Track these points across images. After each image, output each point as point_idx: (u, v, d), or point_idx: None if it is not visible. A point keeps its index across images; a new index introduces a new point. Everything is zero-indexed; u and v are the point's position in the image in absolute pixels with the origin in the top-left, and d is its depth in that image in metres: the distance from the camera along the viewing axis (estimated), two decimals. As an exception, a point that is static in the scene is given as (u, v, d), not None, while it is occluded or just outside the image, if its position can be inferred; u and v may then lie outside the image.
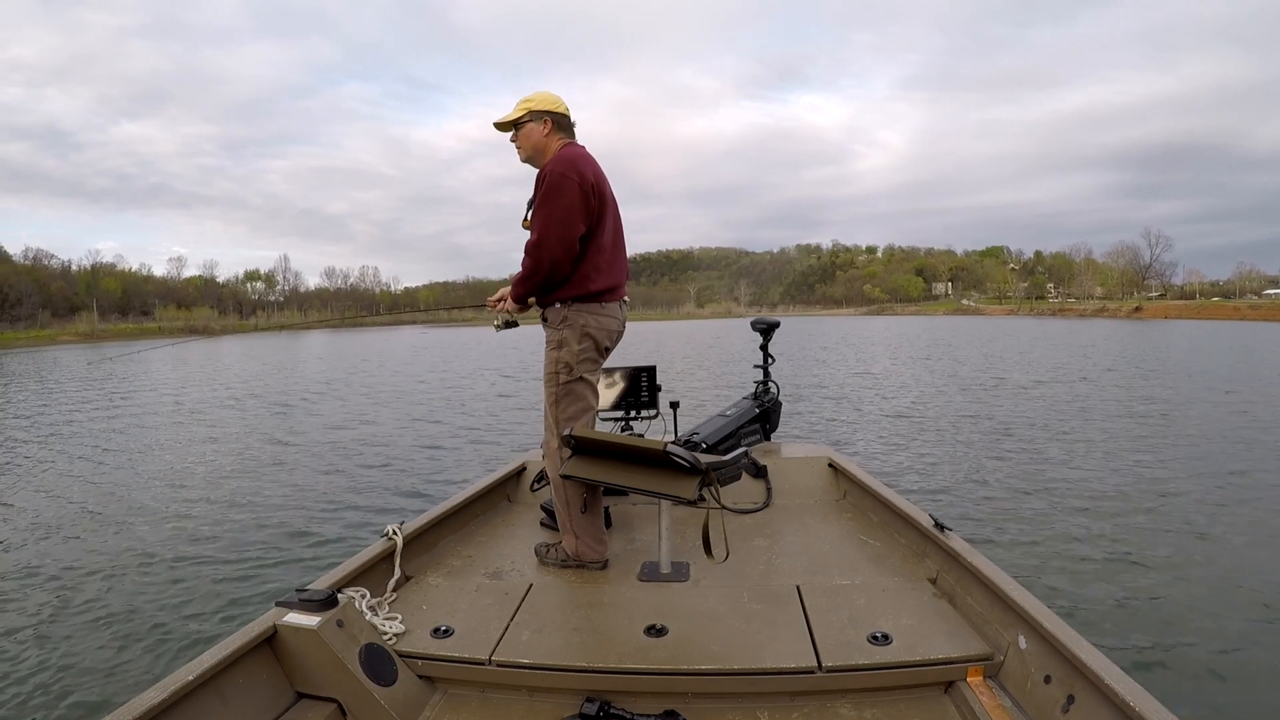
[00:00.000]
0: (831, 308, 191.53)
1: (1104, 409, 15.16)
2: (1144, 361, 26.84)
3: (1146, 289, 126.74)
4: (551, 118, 3.47)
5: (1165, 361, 26.57)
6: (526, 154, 3.53)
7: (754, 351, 5.82)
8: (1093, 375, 22.32)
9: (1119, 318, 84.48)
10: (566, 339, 3.41)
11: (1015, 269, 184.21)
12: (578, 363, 3.43)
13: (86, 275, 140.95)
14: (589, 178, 3.29)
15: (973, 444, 11.88)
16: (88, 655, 4.88)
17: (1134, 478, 9.28)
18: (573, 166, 3.27)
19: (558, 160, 3.31)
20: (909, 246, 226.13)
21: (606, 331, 3.50)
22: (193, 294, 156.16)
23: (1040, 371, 23.58)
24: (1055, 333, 52.98)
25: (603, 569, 3.51)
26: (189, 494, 9.46)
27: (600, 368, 3.61)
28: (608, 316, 3.49)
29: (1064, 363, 27.25)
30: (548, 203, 3.25)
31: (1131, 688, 1.94)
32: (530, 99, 3.49)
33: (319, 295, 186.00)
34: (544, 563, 3.55)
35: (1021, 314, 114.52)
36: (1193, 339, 42.08)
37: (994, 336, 49.47)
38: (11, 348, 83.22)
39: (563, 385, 3.44)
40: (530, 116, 3.46)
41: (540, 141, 3.48)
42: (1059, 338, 45.78)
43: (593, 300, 3.42)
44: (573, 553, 3.49)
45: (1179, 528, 7.19)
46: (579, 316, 3.41)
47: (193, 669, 2.18)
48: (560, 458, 3.44)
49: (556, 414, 3.47)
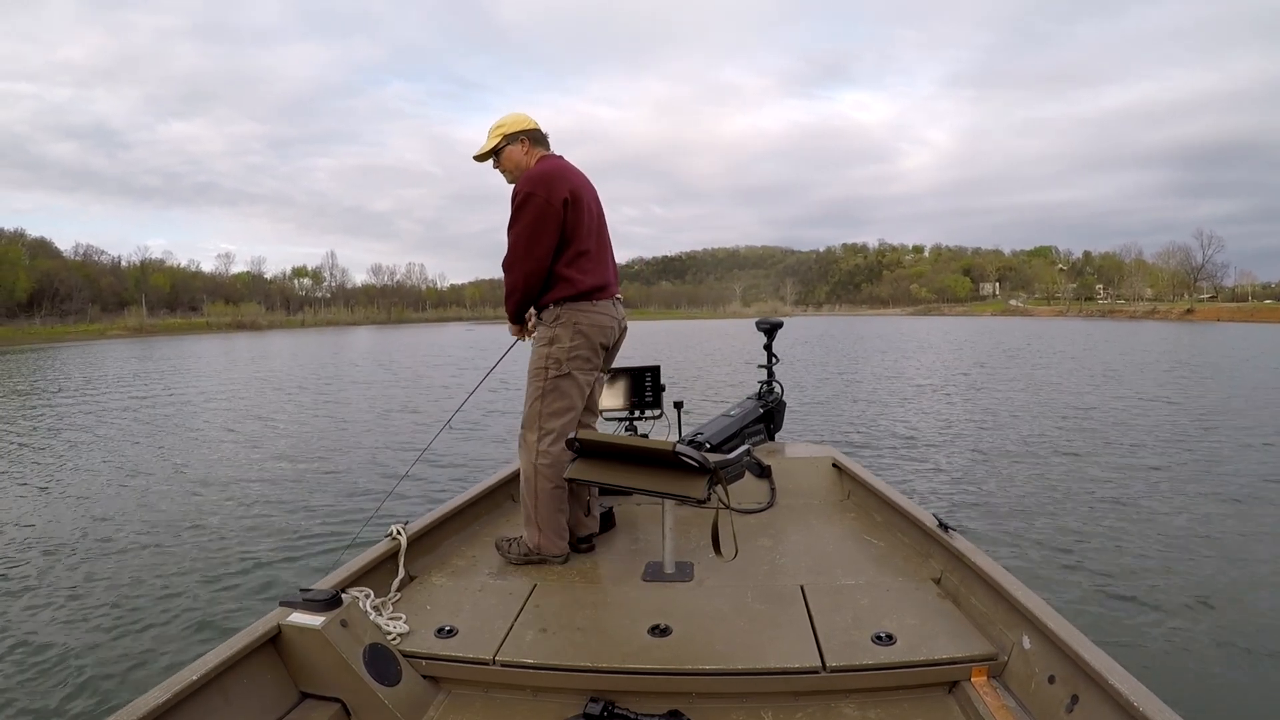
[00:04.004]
0: (878, 307, 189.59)
1: (1126, 413, 15.01)
2: (1193, 364, 26.35)
3: (1198, 291, 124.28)
4: (526, 136, 3.59)
5: (1215, 366, 26.01)
6: (512, 176, 3.63)
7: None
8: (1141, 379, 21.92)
9: (1170, 320, 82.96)
10: (559, 335, 3.49)
11: (1064, 269, 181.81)
12: (568, 359, 3.48)
13: (136, 271, 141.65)
14: (560, 191, 3.37)
15: (980, 444, 11.91)
16: (90, 655, 4.89)
17: (1143, 480, 9.29)
18: (540, 183, 3.37)
19: (527, 178, 3.43)
20: (956, 246, 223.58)
21: (600, 328, 3.55)
22: (240, 290, 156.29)
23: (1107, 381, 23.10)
24: (1108, 335, 52.00)
25: (563, 563, 3.54)
26: (192, 493, 9.47)
27: (595, 368, 3.64)
28: (600, 314, 3.55)
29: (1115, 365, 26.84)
30: (516, 221, 3.39)
31: (1136, 688, 1.93)
32: (501, 124, 3.61)
33: (365, 291, 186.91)
34: (505, 557, 3.58)
35: (1070, 315, 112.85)
36: (1247, 342, 40.59)
37: (1066, 340, 47.43)
38: (62, 341, 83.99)
39: (550, 380, 3.50)
40: (506, 141, 3.59)
41: (521, 161, 3.60)
42: (1113, 340, 44.79)
43: (583, 299, 3.50)
44: (534, 546, 3.53)
45: (1184, 529, 7.16)
46: (571, 314, 3.48)
47: (196, 669, 2.18)
48: (536, 451, 3.50)
49: (540, 408, 3.52)
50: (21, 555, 7.02)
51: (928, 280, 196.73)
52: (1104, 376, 22.60)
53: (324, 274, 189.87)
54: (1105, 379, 21.94)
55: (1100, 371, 24.00)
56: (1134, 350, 32.84)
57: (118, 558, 6.88)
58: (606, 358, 3.75)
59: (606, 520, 4.08)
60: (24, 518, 8.46)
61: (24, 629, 5.34)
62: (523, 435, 3.60)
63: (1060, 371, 24.20)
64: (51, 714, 4.20)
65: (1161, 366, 25.76)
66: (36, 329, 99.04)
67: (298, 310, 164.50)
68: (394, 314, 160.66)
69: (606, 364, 3.80)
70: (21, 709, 4.24)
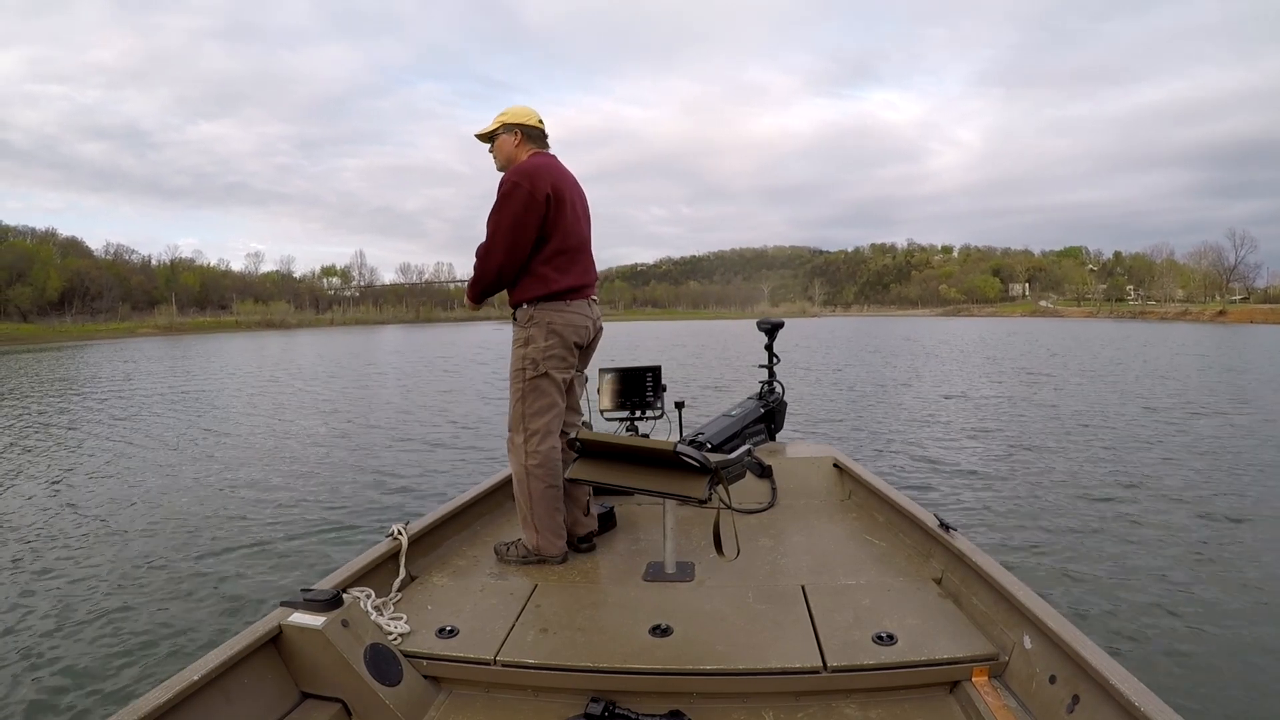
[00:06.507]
0: (907, 308, 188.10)
1: (1130, 414, 14.87)
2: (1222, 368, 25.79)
3: (1230, 292, 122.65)
4: (522, 129, 3.65)
5: (1240, 369, 25.47)
6: (500, 163, 3.71)
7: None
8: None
9: (1202, 321, 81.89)
10: (533, 336, 3.52)
11: (1094, 270, 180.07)
12: (544, 359, 3.52)
13: (166, 270, 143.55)
14: (543, 186, 3.41)
15: (980, 444, 11.88)
16: (91, 655, 4.91)
17: (1144, 480, 9.24)
18: (527, 175, 3.41)
19: (516, 169, 3.47)
20: (985, 246, 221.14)
21: (574, 328, 3.59)
22: (269, 289, 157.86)
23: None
24: (1140, 337, 51.26)
25: (563, 564, 3.56)
26: (194, 492, 9.48)
27: (570, 366, 3.66)
28: (574, 314, 3.58)
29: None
30: (498, 209, 3.43)
31: (1136, 688, 1.93)
32: (505, 113, 3.70)
33: (394, 290, 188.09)
34: (504, 560, 3.60)
35: (1101, 316, 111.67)
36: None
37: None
38: (93, 339, 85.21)
39: (529, 381, 3.53)
40: (503, 129, 3.66)
41: (511, 152, 3.66)
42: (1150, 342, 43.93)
43: (558, 299, 3.54)
44: (533, 548, 3.55)
45: (1186, 530, 7.11)
46: (544, 315, 3.52)
47: (198, 669, 2.20)
48: (525, 453, 3.52)
49: (523, 409, 3.55)
50: (22, 555, 7.05)
51: (957, 281, 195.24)
52: (1120, 377, 22.68)
53: (352, 273, 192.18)
54: (1121, 380, 22.01)
55: (1120, 374, 23.77)
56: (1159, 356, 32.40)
57: (117, 557, 6.90)
58: (582, 357, 3.78)
59: (608, 520, 4.09)
60: (24, 517, 8.49)
61: (24, 627, 5.38)
62: (510, 438, 3.63)
63: (1079, 374, 23.94)
64: (52, 714, 4.22)
65: (1178, 368, 25.76)
66: (67, 327, 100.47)
67: (326, 309, 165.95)
68: (422, 313, 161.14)
69: (583, 363, 3.84)
70: (22, 709, 4.26)
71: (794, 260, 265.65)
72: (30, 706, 4.28)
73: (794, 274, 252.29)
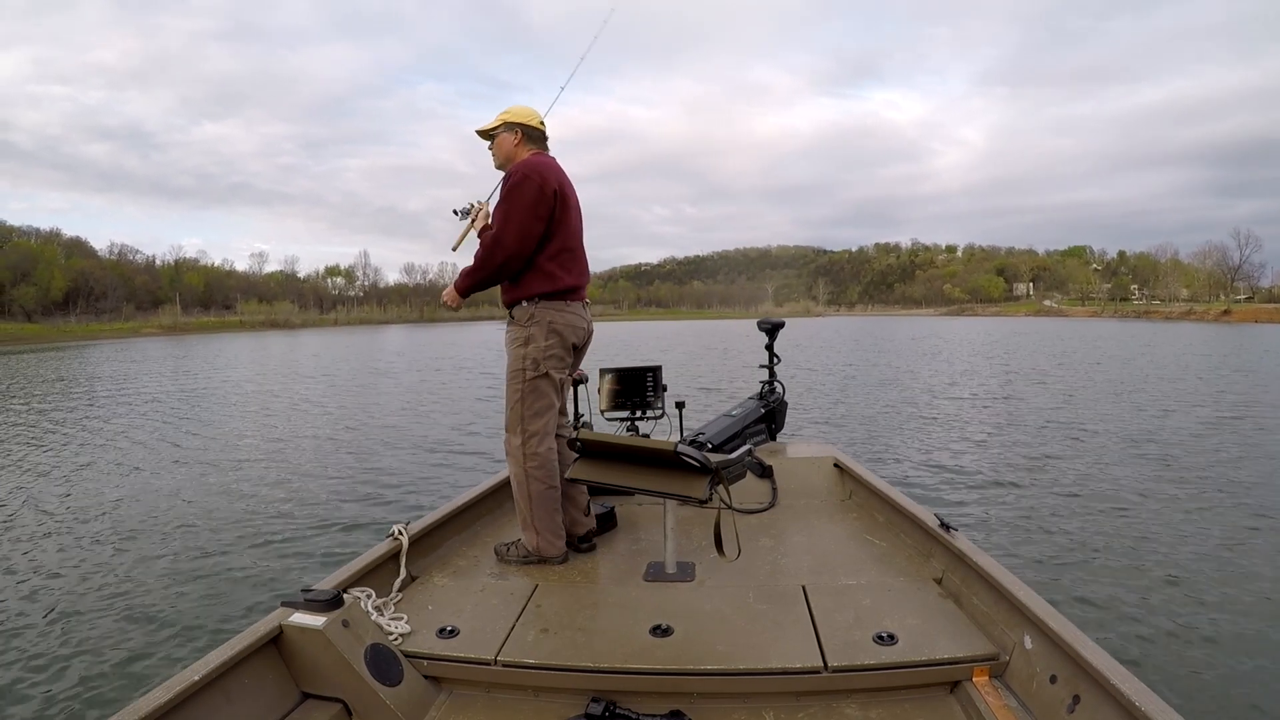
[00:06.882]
0: (911, 308, 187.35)
1: (1132, 415, 14.91)
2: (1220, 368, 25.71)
3: (1234, 291, 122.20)
4: (522, 129, 3.68)
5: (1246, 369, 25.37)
6: (499, 161, 3.76)
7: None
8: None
9: (1206, 320, 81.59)
10: (534, 335, 3.51)
11: (1098, 269, 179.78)
12: (544, 358, 3.51)
13: (170, 270, 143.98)
14: (551, 183, 3.45)
15: (981, 443, 11.87)
16: (91, 655, 4.90)
17: (1148, 480, 9.24)
18: (536, 170, 3.46)
19: (523, 164, 3.52)
20: (989, 246, 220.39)
21: (573, 329, 3.60)
22: (274, 289, 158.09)
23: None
24: (1145, 336, 50.99)
25: (563, 564, 3.56)
26: (194, 492, 9.49)
27: (566, 367, 3.67)
28: (573, 314, 3.60)
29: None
30: (508, 200, 3.44)
31: (1137, 688, 1.93)
32: (507, 112, 3.72)
33: (398, 290, 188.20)
34: (504, 561, 3.60)
35: (1105, 316, 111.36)
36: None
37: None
38: (97, 339, 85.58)
39: (529, 381, 3.52)
40: (504, 127, 3.68)
41: (510, 150, 3.68)
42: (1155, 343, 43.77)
43: (559, 298, 3.54)
44: (533, 548, 3.55)
45: (1188, 530, 7.08)
46: (546, 314, 3.52)
47: (198, 669, 2.20)
48: (524, 455, 3.52)
49: (522, 410, 3.54)
50: (22, 554, 7.06)
51: (961, 280, 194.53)
52: (1122, 377, 22.74)
53: (356, 273, 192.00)
54: (1122, 380, 22.06)
55: (1123, 374, 23.89)
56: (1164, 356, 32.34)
57: (116, 557, 6.90)
58: (575, 359, 3.78)
59: (608, 520, 4.09)
60: (24, 517, 8.50)
61: (25, 626, 5.38)
62: (507, 440, 3.62)
63: (1081, 375, 23.91)
64: (52, 713, 4.22)
65: (1180, 367, 25.89)
66: (72, 327, 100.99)
67: (330, 309, 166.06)
68: (426, 313, 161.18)
69: (574, 365, 3.84)
70: (22, 708, 4.26)
71: (798, 260, 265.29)
72: (31, 706, 4.28)
73: (798, 274, 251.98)
